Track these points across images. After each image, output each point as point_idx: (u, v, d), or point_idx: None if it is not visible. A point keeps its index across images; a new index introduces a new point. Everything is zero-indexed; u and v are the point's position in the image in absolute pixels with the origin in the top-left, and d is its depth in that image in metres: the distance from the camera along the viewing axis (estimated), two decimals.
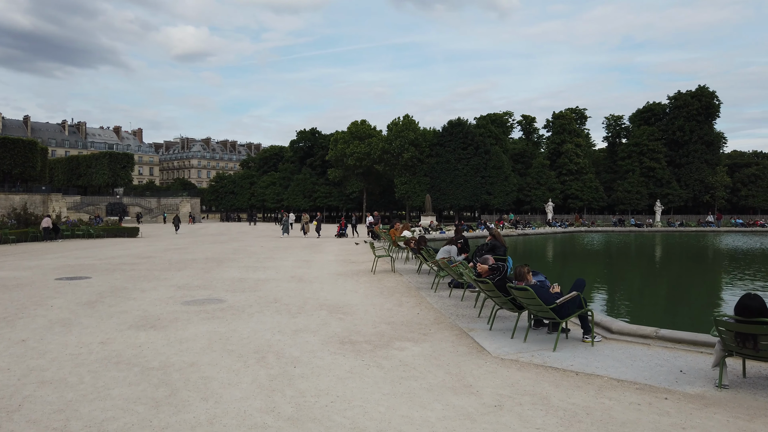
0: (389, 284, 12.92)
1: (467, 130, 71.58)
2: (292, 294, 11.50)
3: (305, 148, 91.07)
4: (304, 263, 18.54)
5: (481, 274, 7.82)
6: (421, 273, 14.93)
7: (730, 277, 19.24)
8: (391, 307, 9.86)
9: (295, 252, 23.59)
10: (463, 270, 9.31)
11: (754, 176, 74.58)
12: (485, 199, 70.45)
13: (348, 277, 14.41)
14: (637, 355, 6.34)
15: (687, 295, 15.98)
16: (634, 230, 54.92)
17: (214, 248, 26.06)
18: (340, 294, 11.50)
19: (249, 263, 18.49)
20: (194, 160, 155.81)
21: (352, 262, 18.78)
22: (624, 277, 20.68)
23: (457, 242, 12.42)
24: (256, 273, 15.53)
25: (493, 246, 11.16)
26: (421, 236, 14.41)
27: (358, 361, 6.31)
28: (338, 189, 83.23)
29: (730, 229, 55.88)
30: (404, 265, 17.34)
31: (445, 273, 11.42)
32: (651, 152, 73.83)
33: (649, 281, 19.73)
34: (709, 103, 74.89)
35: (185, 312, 9.42)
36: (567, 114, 79.39)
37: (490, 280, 7.37)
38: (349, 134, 77.60)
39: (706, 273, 21.65)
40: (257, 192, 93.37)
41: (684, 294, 16.15)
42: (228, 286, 12.70)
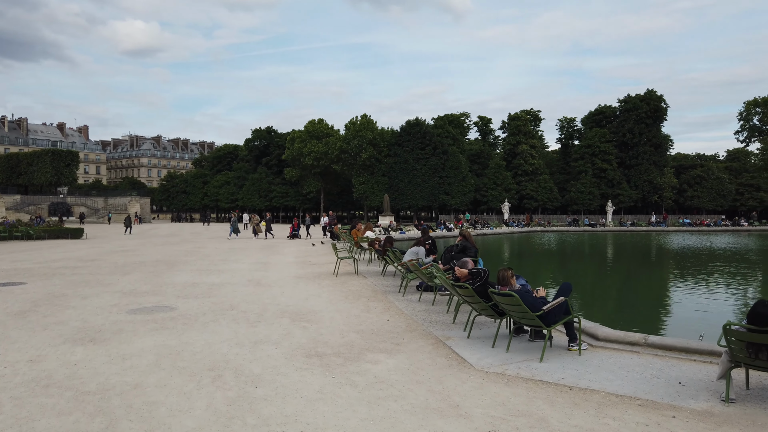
0: (354, 288, 12.25)
1: (425, 130, 71.54)
2: (250, 300, 10.69)
3: (261, 147, 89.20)
4: (262, 266, 17.66)
5: (459, 278, 7.26)
6: (386, 275, 14.32)
7: (698, 276, 19.42)
8: (358, 313, 9.20)
9: (252, 254, 22.62)
10: (436, 273, 8.74)
11: (699, 177, 77.38)
12: (443, 200, 70.56)
13: (309, 281, 13.67)
14: (629, 365, 5.90)
15: (659, 295, 15.82)
16: (587, 230, 55.98)
17: (165, 250, 24.78)
18: (303, 299, 10.76)
19: (202, 266, 17.48)
20: (144, 158, 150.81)
21: (313, 264, 18.01)
22: (596, 277, 20.57)
23: (425, 243, 11.87)
24: (210, 277, 14.59)
25: (464, 247, 10.66)
26: (388, 237, 13.82)
27: (329, 378, 5.63)
28: (295, 189, 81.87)
29: (679, 228, 57.68)
30: (367, 267, 16.70)
31: (414, 276, 10.85)
32: (603, 154, 75.58)
33: (620, 281, 19.68)
34: (657, 107, 77.27)
35: (131, 322, 8.51)
36: (522, 115, 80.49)
37: (469, 285, 6.81)
38: (306, 133, 76.38)
39: (671, 272, 21.70)
40: (211, 192, 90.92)
41: (655, 294, 16.03)
42: (179, 292, 11.77)
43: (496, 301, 6.29)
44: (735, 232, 55.03)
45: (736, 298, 14.44)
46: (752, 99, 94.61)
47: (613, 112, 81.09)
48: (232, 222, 35.97)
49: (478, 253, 10.74)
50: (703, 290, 15.89)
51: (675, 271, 22.06)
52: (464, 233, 10.95)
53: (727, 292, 15.46)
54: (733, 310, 12.54)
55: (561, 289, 6.35)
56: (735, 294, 15.09)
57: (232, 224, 35.53)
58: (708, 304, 13.26)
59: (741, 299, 14.14)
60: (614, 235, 50.13)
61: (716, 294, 15.10)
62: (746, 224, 61.71)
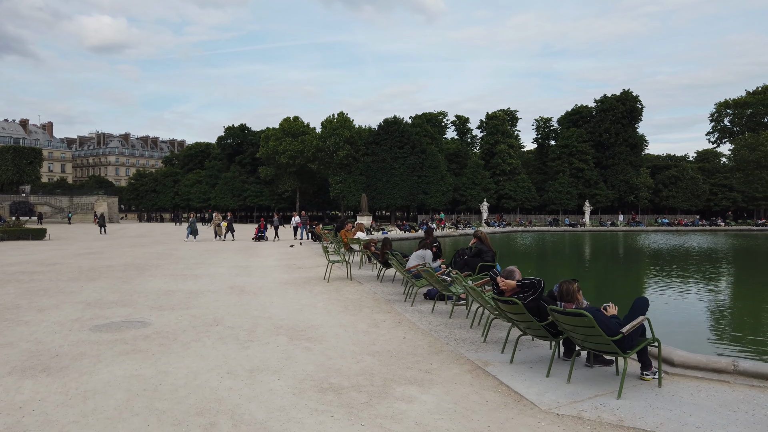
0: (351, 295, 10.94)
1: (403, 128, 70.39)
2: (236, 311, 9.30)
3: (234, 145, 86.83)
4: (243, 270, 16.19)
5: (504, 291, 6.01)
6: (383, 281, 13.03)
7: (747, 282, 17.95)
8: (366, 328, 7.90)
9: (229, 256, 21.08)
10: (464, 284, 7.45)
11: (674, 178, 77.94)
12: (421, 199, 69.51)
13: (299, 287, 12.30)
14: (729, 402, 4.74)
15: (716, 306, 13.52)
16: (568, 230, 55.58)
17: (135, 252, 23.04)
18: (297, 310, 9.41)
19: (177, 270, 15.93)
20: (112, 156, 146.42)
21: (298, 268, 16.62)
22: (632, 281, 18.56)
23: (431, 246, 10.62)
24: (186, 283, 13.10)
25: (480, 251, 9.46)
26: (386, 238, 12.51)
27: (356, 426, 4.33)
28: (270, 188, 79.85)
29: (659, 228, 57.74)
30: (359, 270, 15.39)
31: (422, 283, 9.59)
32: (580, 153, 75.53)
33: (661, 286, 16.92)
34: (633, 107, 77.60)
35: (95, 343, 7.06)
36: (500, 115, 80.00)
37: (520, 300, 5.57)
38: (281, 131, 74.48)
39: (718, 277, 19.22)
40: (182, 191, 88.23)
41: (713, 305, 13.61)
42: (153, 302, 10.29)
43: (559, 321, 5.07)
44: (713, 231, 55.28)
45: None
46: (723, 101, 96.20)
47: (590, 112, 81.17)
48: (191, 223, 31.63)
49: (497, 258, 9.54)
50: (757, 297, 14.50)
51: (723, 276, 19.62)
52: (480, 235, 9.74)
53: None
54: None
55: (636, 306, 5.17)
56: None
57: (190, 225, 31.31)
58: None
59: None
60: (600, 235, 49.69)
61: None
62: (723, 224, 62.21)
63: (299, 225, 32.03)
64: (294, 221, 32.94)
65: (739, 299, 14.79)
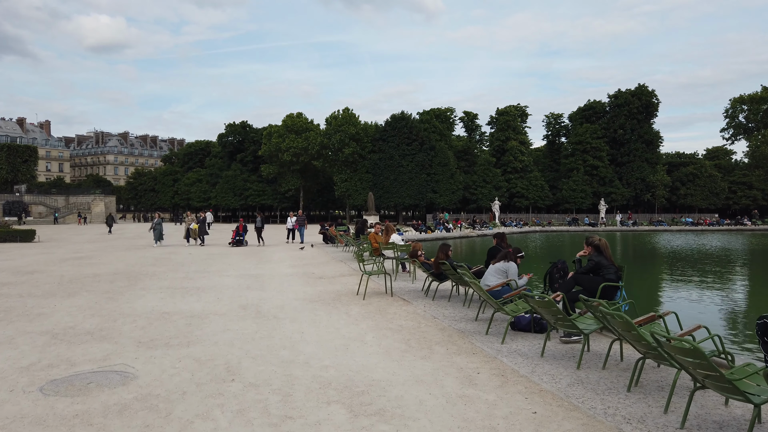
0: (405, 321, 8.29)
1: (411, 124, 67.71)
2: (257, 351, 6.64)
3: (235, 142, 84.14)
4: (254, 280, 13.53)
5: None
6: (436, 298, 10.36)
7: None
8: (458, 388, 5.21)
9: (235, 262, 18.42)
10: (611, 318, 4.70)
11: (692, 175, 75.20)
12: (431, 198, 66.82)
13: (330, 306, 9.64)
14: None
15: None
16: (588, 229, 52.92)
17: (129, 257, 20.38)
18: (341, 348, 6.75)
19: (175, 281, 13.27)
20: (110, 155, 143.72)
21: (320, 278, 13.96)
22: None
23: (514, 256, 7.94)
24: (186, 300, 10.45)
25: (597, 265, 6.79)
26: (444, 244, 9.81)
27: None
28: (272, 187, 77.17)
29: (682, 228, 55.09)
30: (395, 282, 12.71)
31: (515, 309, 6.93)
32: (594, 150, 72.86)
33: None
34: (649, 102, 74.91)
35: (39, 424, 4.40)
36: (510, 110, 77.26)
37: None
38: (284, 128, 71.86)
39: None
40: (181, 190, 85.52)
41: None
42: (141, 332, 7.64)
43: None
44: (740, 231, 52.63)
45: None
46: (738, 96, 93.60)
47: (603, 107, 78.49)
48: (155, 224, 26.30)
49: (623, 276, 6.86)
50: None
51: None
52: (596, 242, 7.03)
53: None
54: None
55: None
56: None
57: (155, 227, 26.13)
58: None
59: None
60: (630, 235, 46.94)
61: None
62: (749, 223, 59.53)
63: (296, 226, 28.05)
64: (290, 222, 28.64)
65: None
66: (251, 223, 39.62)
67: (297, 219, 28.17)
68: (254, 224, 27.89)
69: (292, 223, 28.32)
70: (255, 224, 27.84)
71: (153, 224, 26.54)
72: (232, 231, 26.80)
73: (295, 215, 28.80)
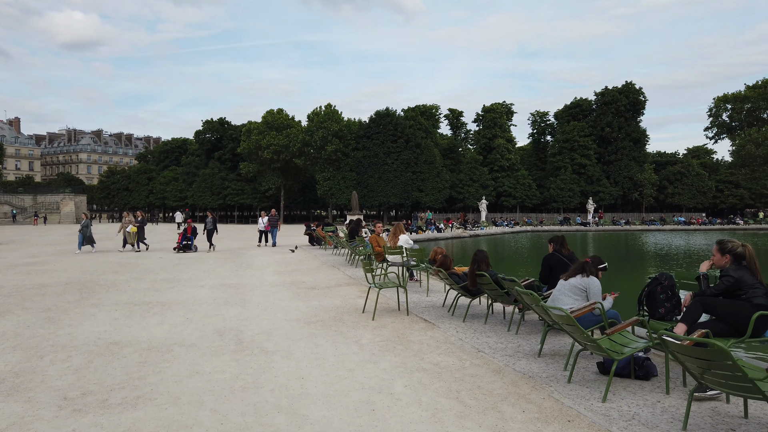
0: (443, 359, 6.11)
1: (396, 121, 65.55)
2: (238, 415, 4.40)
3: (213, 140, 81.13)
4: (234, 292, 11.23)
5: None
6: (467, 318, 8.18)
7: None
8: None
9: (211, 268, 16.06)
10: None
11: (680, 174, 74.32)
12: (416, 197, 64.77)
13: (331, 331, 7.42)
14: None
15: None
16: (581, 229, 51.37)
17: (89, 262, 17.86)
18: (361, 409, 4.54)
19: (137, 293, 10.92)
20: (83, 154, 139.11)
21: (311, 289, 11.71)
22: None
23: (596, 269, 5.79)
24: (146, 322, 8.13)
25: (738, 283, 4.70)
26: (481, 252, 7.58)
27: None
28: (252, 185, 74.41)
29: (675, 227, 53.84)
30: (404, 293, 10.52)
31: (613, 345, 4.80)
32: (582, 148, 71.54)
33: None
34: (636, 100, 73.88)
35: None
36: (497, 107, 75.60)
37: None
38: (264, 124, 69.20)
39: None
40: (157, 189, 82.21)
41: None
42: (72, 380, 5.35)
43: None
44: (733, 231, 51.55)
45: None
46: (722, 95, 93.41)
47: (590, 105, 77.31)
48: (83, 227, 21.69)
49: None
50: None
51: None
52: (741, 252, 4.82)
53: None
54: None
55: None
56: None
57: (83, 230, 21.60)
58: None
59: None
60: (626, 235, 45.36)
61: None
62: (741, 222, 58.61)
63: (267, 227, 24.84)
64: (261, 222, 25.07)
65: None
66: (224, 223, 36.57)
67: (269, 219, 24.94)
68: (204, 226, 23.37)
69: (264, 223, 24.92)
70: (205, 226, 23.34)
71: (81, 226, 21.82)
72: (179, 234, 22.61)
73: (267, 215, 25.35)
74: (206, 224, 23.29)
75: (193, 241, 21.97)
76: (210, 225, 23.09)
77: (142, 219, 23.09)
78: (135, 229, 22.08)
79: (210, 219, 23.32)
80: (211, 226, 23.08)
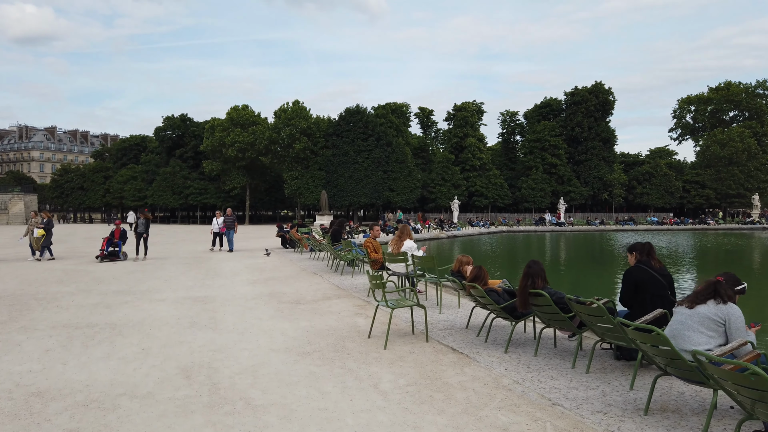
0: (508, 417, 4.36)
1: (367, 119, 63.65)
2: None
3: (174, 137, 77.56)
4: (201, 308, 9.24)
5: None
6: (510, 348, 6.42)
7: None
8: None
9: (173, 275, 13.94)
10: None
11: (648, 174, 74.59)
12: (388, 196, 63.01)
13: (334, 366, 5.58)
14: None
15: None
16: (556, 230, 50.50)
17: (30, 270, 15.47)
18: None
19: (81, 311, 8.82)
20: (35, 151, 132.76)
21: (296, 302, 9.81)
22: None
23: (733, 291, 4.11)
24: (86, 356, 6.12)
25: None
26: (536, 263, 5.84)
27: None
28: (215, 184, 71.37)
29: (649, 227, 53.58)
30: (413, 313, 8.73)
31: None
32: (553, 148, 71.02)
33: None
34: (606, 100, 73.80)
35: None
36: (469, 106, 74.50)
37: None
38: (228, 121, 66.31)
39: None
40: (113, 188, 78.18)
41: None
42: None
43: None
44: (704, 231, 51.57)
45: None
46: (686, 97, 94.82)
47: (560, 105, 76.99)
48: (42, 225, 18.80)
49: None
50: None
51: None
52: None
53: None
54: None
55: None
56: None
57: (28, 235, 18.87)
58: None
59: None
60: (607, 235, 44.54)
61: None
62: (712, 222, 58.90)
63: (223, 229, 21.94)
64: (216, 224, 22.06)
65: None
66: None
67: (226, 220, 22.00)
68: (133, 229, 19.01)
69: (219, 225, 21.98)
70: (134, 229, 19.27)
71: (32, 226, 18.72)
72: (103, 239, 18.64)
73: (222, 215, 22.42)
74: (136, 227, 19.28)
75: (121, 248, 18.31)
76: (141, 228, 18.92)
77: (48, 220, 18.86)
78: (42, 232, 18.41)
79: (141, 221, 19.26)
80: (142, 229, 18.93)
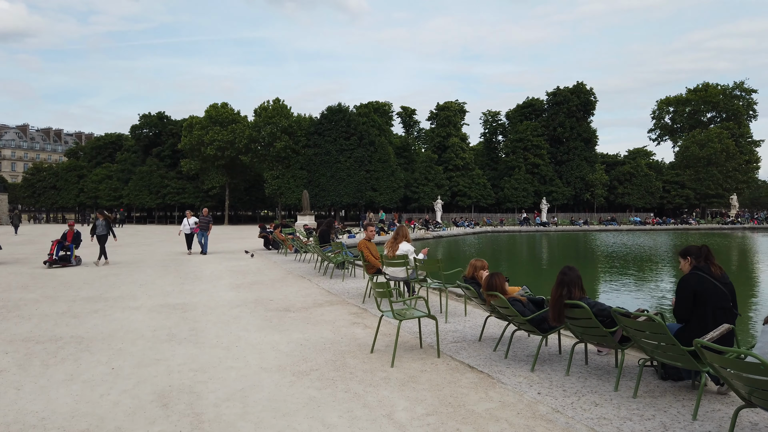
0: None
1: (349, 117, 62.77)
2: None
3: (151, 135, 75.75)
4: (180, 317, 8.34)
5: None
6: (537, 365, 5.67)
7: None
8: None
9: (148, 279, 12.96)
10: None
11: (629, 174, 74.98)
12: (370, 196, 62.21)
13: (340, 391, 4.77)
14: None
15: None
16: (540, 230, 50.19)
17: None
18: None
19: (44, 322, 7.85)
20: (6, 150, 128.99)
21: (285, 310, 8.97)
22: None
23: None
24: (48, 377, 5.21)
25: None
26: (571, 269, 5.12)
27: None
28: (194, 184, 69.84)
29: (632, 227, 53.61)
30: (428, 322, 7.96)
31: None
32: (535, 148, 70.96)
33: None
34: (587, 100, 74.00)
35: None
36: (452, 105, 74.08)
37: None
38: (207, 119, 64.86)
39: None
40: (88, 187, 76.08)
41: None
42: None
43: None
44: (686, 230, 51.75)
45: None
46: (664, 98, 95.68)
47: (542, 105, 77.00)
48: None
49: None
50: None
51: None
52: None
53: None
54: None
55: None
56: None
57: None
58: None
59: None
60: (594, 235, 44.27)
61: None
62: (694, 222, 59.25)
63: (196, 230, 20.29)
64: (187, 224, 20.32)
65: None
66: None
67: (200, 220, 20.33)
68: (93, 230, 17.38)
69: (191, 226, 20.25)
70: (94, 231, 17.32)
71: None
72: (53, 241, 16.86)
73: (194, 215, 20.90)
74: (96, 229, 17.25)
75: (73, 252, 16.71)
76: (101, 230, 17.14)
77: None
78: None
79: (100, 222, 17.31)
80: (102, 230, 17.15)
